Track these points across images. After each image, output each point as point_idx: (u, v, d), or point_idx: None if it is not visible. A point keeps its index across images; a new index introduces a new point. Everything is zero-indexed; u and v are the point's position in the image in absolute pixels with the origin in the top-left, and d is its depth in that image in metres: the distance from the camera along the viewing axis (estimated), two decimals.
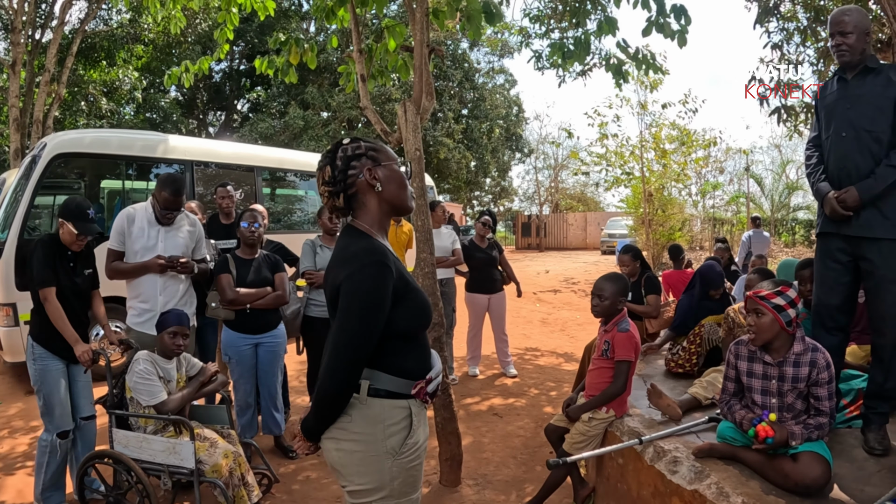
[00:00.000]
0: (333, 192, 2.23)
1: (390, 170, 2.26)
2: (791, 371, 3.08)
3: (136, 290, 4.53)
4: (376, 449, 2.12)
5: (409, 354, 2.21)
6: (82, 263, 4.25)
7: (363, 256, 2.09)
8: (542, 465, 4.94)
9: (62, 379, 4.15)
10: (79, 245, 4.13)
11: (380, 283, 2.06)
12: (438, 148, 28.66)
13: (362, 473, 2.15)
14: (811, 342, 3.14)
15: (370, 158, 2.23)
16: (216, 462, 3.74)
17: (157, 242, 4.52)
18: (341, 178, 2.21)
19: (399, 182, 2.27)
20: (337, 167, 2.22)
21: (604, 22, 5.88)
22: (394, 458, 2.14)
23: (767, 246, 13.31)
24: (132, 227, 4.49)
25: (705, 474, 3.11)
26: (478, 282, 7.63)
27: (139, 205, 4.64)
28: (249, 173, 9.66)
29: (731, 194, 29.39)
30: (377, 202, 2.24)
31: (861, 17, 3.48)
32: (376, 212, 2.25)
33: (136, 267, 4.46)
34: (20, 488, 4.69)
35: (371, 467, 2.13)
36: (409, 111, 4.57)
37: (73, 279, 4.16)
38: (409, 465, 2.18)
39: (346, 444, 2.14)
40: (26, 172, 7.32)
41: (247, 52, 30.46)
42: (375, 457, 2.13)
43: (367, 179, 2.21)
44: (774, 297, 3.09)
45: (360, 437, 2.13)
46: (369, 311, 2.04)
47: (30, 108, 17.60)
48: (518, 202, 49.52)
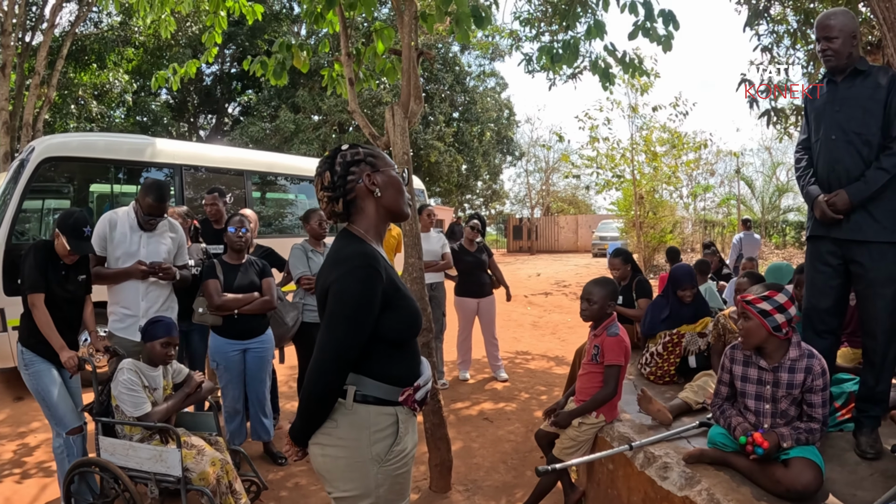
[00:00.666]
0: (333, 198, 2.24)
1: (388, 175, 2.28)
2: (786, 377, 3.06)
3: (118, 296, 4.49)
4: (361, 455, 2.12)
5: (397, 361, 2.20)
6: (75, 269, 4.22)
7: (354, 260, 2.10)
8: (533, 470, 4.92)
9: (57, 378, 4.13)
10: (70, 259, 4.11)
11: (368, 286, 2.07)
12: (429, 151, 28.63)
13: (347, 480, 2.14)
14: (807, 348, 3.12)
15: (369, 164, 2.25)
16: (203, 470, 3.70)
17: (140, 248, 4.49)
18: (341, 184, 2.22)
19: (397, 188, 2.29)
20: (336, 172, 2.22)
21: (592, 26, 5.88)
22: (379, 465, 2.13)
23: (758, 248, 13.34)
24: (114, 233, 4.46)
25: (696, 480, 3.09)
26: (467, 286, 7.60)
27: (121, 209, 4.61)
28: (239, 177, 9.62)
29: (721, 196, 29.52)
30: (375, 208, 2.26)
31: (847, 20, 3.46)
32: (374, 217, 2.26)
33: (117, 273, 4.43)
34: (8, 496, 4.65)
35: (356, 474, 2.13)
36: (397, 115, 4.55)
37: (66, 286, 4.12)
38: (395, 472, 2.17)
39: (332, 449, 2.14)
40: (14, 176, 7.26)
41: (238, 56, 30.40)
42: (360, 463, 2.12)
43: (367, 185, 2.22)
44: (760, 302, 3.07)
45: (345, 443, 2.12)
46: (357, 315, 2.05)
47: (19, 111, 17.55)
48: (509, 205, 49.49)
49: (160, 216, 4.55)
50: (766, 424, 3.12)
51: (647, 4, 5.35)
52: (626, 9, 5.44)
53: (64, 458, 4.10)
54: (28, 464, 5.26)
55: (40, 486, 4.83)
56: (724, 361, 3.36)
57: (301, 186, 11.19)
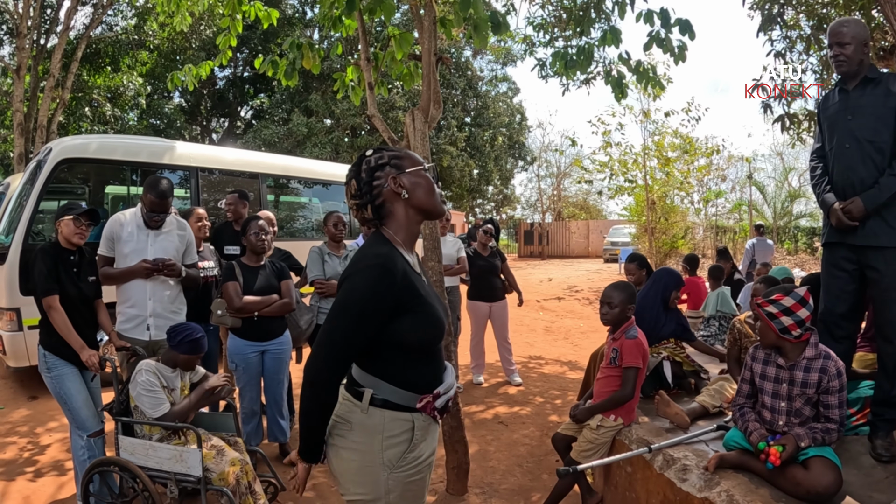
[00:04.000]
0: (361, 205, 2.21)
1: (416, 175, 2.22)
2: (801, 376, 3.10)
3: (125, 295, 4.53)
4: (373, 460, 2.10)
5: (416, 367, 2.17)
6: (86, 271, 4.27)
7: (367, 259, 2.07)
8: (549, 473, 4.94)
9: (80, 382, 4.19)
10: (80, 236, 4.14)
11: (377, 287, 2.03)
12: (442, 156, 28.66)
13: (358, 483, 2.13)
14: (824, 349, 3.15)
15: (394, 167, 2.20)
16: (223, 470, 3.73)
17: (147, 246, 4.53)
18: (367, 190, 2.18)
19: (426, 187, 2.22)
20: (362, 179, 2.19)
21: (608, 32, 5.89)
22: (390, 471, 2.11)
23: (771, 254, 13.31)
24: (122, 232, 4.50)
25: (715, 482, 3.11)
26: (479, 290, 7.63)
27: (128, 210, 4.66)
28: (254, 180, 9.66)
29: (733, 202, 29.42)
30: (405, 210, 2.21)
31: (859, 28, 3.53)
32: (404, 219, 2.21)
33: (123, 272, 4.46)
34: (26, 494, 4.69)
35: (367, 478, 2.12)
36: (417, 119, 4.58)
37: (78, 285, 4.17)
38: (407, 479, 2.14)
39: (345, 451, 2.14)
40: (31, 177, 7.33)
41: (250, 60, 30.47)
42: (371, 467, 2.10)
43: (393, 188, 2.17)
44: (767, 306, 3.15)
45: (357, 447, 2.12)
46: (359, 313, 2.02)
47: (34, 112, 17.67)
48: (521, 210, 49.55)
49: (164, 212, 4.58)
50: (780, 422, 3.15)
51: (664, 13, 5.36)
52: (643, 18, 5.44)
53: (85, 459, 4.14)
54: (45, 462, 5.31)
55: (57, 484, 4.88)
56: (746, 360, 3.41)
57: (314, 190, 11.23)
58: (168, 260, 4.52)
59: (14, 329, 6.73)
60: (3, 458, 5.41)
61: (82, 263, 4.25)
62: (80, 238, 4.15)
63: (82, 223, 4.13)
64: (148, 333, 4.48)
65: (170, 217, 4.70)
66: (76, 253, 4.21)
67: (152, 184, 4.46)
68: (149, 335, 4.48)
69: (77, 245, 4.18)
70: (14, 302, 6.70)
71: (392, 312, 2.06)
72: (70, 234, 4.10)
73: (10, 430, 6.13)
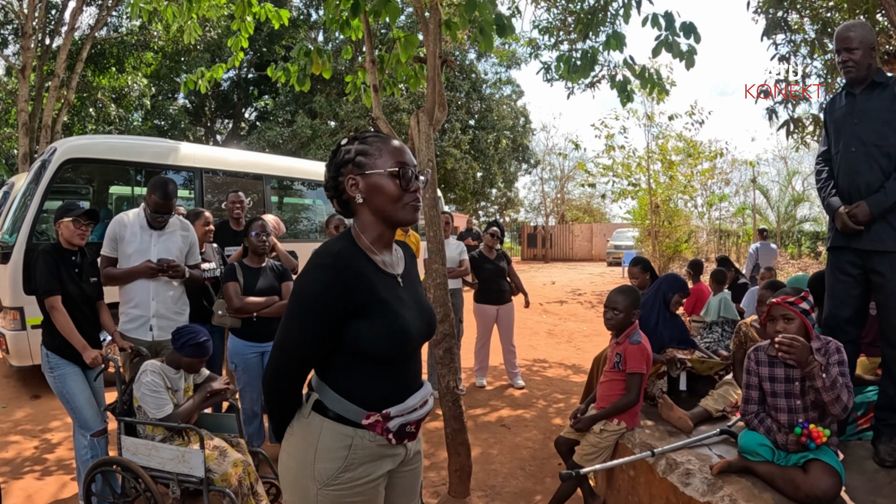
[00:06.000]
0: (330, 197, 2.11)
1: (380, 178, 1.99)
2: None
3: (129, 296, 4.52)
4: (304, 471, 1.97)
5: (368, 380, 1.99)
6: (87, 271, 4.28)
7: (318, 257, 1.94)
8: (552, 477, 4.93)
9: (83, 381, 4.20)
10: (81, 236, 4.15)
11: (325, 287, 1.89)
12: (445, 158, 28.63)
13: (289, 490, 2.04)
14: (825, 338, 3.16)
15: (356, 165, 2.00)
16: (225, 471, 3.73)
17: (150, 247, 4.52)
18: (332, 185, 2.06)
19: (388, 193, 1.99)
20: (330, 171, 2.08)
21: (612, 37, 5.87)
22: (319, 487, 1.95)
23: (775, 258, 13.30)
24: (125, 233, 4.50)
25: (718, 486, 3.11)
26: (487, 293, 7.63)
27: (131, 211, 4.66)
28: (258, 181, 9.66)
29: (737, 206, 29.41)
30: (367, 211, 2.05)
31: (866, 32, 3.52)
32: (369, 219, 2.05)
33: (126, 273, 4.46)
34: (29, 493, 4.70)
35: (298, 488, 2.00)
36: (422, 122, 4.58)
37: (80, 285, 4.19)
38: (341, 499, 1.97)
39: (285, 456, 2.05)
40: (35, 177, 7.34)
41: (255, 61, 30.52)
42: (303, 479, 1.98)
43: (348, 190, 2.02)
44: (801, 302, 3.08)
45: (294, 452, 2.01)
46: (306, 314, 1.90)
47: (39, 112, 17.72)
48: (524, 213, 49.40)
49: (167, 213, 4.58)
50: (800, 419, 3.10)
51: (669, 16, 5.35)
52: (649, 22, 5.42)
53: (88, 458, 4.15)
54: (48, 461, 5.33)
55: (60, 483, 4.89)
56: (747, 364, 3.35)
57: (318, 191, 11.22)
58: (172, 261, 4.52)
59: (17, 328, 6.74)
60: (6, 456, 5.42)
61: (84, 264, 4.26)
62: (81, 238, 4.16)
63: (82, 224, 4.13)
64: (151, 334, 4.49)
65: (173, 218, 4.70)
66: (77, 253, 4.22)
67: (157, 184, 4.47)
68: (152, 336, 4.48)
69: (78, 245, 4.19)
70: (17, 301, 6.71)
71: (345, 315, 1.92)
72: (71, 236, 4.11)
73: (12, 428, 6.15)
